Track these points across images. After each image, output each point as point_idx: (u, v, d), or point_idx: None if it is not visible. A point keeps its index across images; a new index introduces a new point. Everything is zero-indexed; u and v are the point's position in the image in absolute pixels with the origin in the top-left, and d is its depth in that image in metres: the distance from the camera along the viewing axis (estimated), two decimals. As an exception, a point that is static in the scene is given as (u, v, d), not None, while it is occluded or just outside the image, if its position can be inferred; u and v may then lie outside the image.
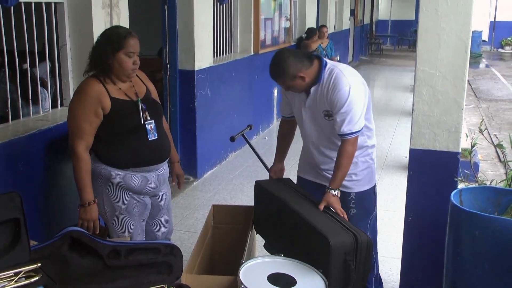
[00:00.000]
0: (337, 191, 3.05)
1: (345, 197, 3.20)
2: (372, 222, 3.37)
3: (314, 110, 3.19)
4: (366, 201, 3.32)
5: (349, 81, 3.04)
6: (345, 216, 2.99)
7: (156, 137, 3.10)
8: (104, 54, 2.94)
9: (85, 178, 2.95)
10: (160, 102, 3.31)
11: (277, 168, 3.60)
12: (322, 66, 3.11)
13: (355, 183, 3.26)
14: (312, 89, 3.13)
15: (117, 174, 3.03)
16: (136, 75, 3.14)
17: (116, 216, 3.08)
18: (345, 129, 3.01)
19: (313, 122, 3.23)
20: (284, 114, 3.53)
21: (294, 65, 3.03)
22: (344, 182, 3.15)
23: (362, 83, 3.16)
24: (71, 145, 2.97)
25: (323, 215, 2.91)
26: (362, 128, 3.08)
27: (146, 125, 3.05)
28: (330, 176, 3.13)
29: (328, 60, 3.18)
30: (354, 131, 3.03)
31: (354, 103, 3.01)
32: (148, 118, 3.07)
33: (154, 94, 3.28)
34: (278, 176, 3.59)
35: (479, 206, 2.76)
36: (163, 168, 3.24)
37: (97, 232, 2.99)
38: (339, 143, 3.11)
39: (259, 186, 3.42)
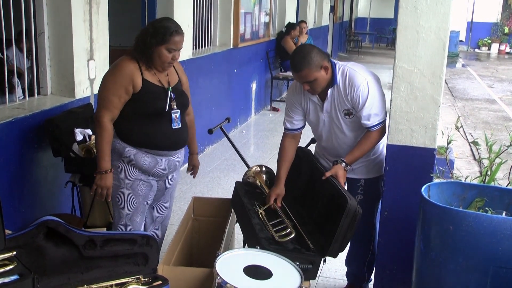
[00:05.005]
0: (348, 167, 3.14)
1: (353, 183, 3.29)
2: (377, 209, 3.44)
3: (333, 112, 3.23)
4: (374, 188, 3.38)
5: (364, 76, 3.13)
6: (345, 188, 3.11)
7: (180, 126, 3.23)
8: (148, 44, 3.07)
9: (105, 147, 3.09)
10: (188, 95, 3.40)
11: (282, 191, 3.35)
12: (334, 66, 3.17)
13: (365, 170, 3.34)
14: (329, 92, 3.18)
15: (130, 151, 3.15)
16: (173, 66, 3.26)
17: (121, 191, 3.19)
18: (373, 121, 3.13)
19: (332, 125, 3.27)
20: (292, 126, 3.36)
21: (319, 55, 3.08)
22: (355, 167, 3.25)
23: (373, 75, 3.23)
24: (97, 115, 3.10)
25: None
26: (386, 116, 3.19)
27: (172, 114, 3.18)
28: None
29: (334, 60, 3.22)
30: (381, 121, 3.15)
31: (375, 95, 3.11)
32: (175, 107, 3.19)
33: (185, 86, 3.40)
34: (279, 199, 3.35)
35: (445, 200, 2.80)
36: (177, 156, 3.33)
37: (109, 200, 3.19)
38: (359, 138, 3.22)
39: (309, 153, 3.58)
